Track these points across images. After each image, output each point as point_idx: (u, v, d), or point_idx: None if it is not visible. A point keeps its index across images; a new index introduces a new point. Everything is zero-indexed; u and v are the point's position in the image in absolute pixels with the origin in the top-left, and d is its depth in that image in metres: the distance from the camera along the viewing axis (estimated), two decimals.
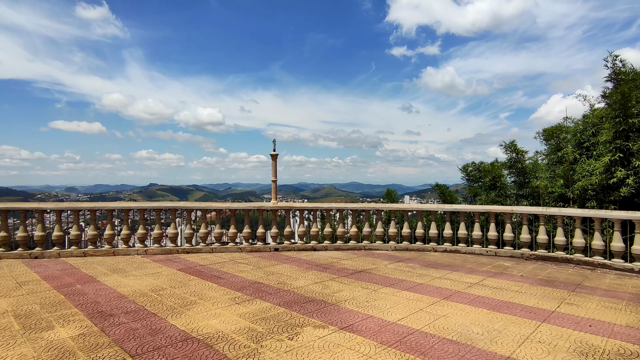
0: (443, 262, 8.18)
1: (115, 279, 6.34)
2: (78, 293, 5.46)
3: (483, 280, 6.60)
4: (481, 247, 9.23)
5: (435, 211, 9.63)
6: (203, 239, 8.88)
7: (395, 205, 9.87)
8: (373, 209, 9.86)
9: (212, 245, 8.91)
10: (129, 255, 8.31)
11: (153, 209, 8.59)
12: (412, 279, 6.62)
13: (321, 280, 6.40)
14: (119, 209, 8.40)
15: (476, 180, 13.58)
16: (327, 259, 8.47)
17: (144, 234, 8.48)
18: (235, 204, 9.28)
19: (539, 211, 8.57)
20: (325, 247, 9.55)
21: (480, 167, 13.44)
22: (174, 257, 8.26)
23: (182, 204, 8.71)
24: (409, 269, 7.48)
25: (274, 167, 9.36)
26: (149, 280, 6.24)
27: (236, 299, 5.23)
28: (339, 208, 9.73)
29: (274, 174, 9.40)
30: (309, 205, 9.57)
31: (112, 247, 8.29)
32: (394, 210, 9.80)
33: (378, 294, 5.58)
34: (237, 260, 8.16)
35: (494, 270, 7.47)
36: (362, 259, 8.51)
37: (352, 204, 9.87)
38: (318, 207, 9.70)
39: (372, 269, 7.38)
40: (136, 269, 7.08)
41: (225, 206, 9.00)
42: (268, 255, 8.74)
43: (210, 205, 8.91)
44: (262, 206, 9.19)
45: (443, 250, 9.39)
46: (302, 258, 8.51)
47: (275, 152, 9.35)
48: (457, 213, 9.54)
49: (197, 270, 7.11)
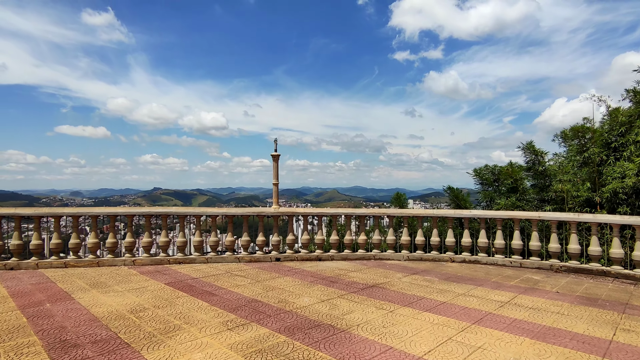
0: (464, 275, 7.32)
1: (92, 295, 5.55)
2: (45, 315, 4.67)
3: (514, 297, 5.74)
4: (504, 257, 8.35)
5: (452, 217, 8.78)
6: (197, 248, 8.08)
7: (408, 211, 9.05)
8: (383, 215, 9.02)
9: (207, 255, 8.11)
10: (115, 267, 7.53)
11: (142, 215, 7.83)
12: (433, 295, 5.77)
13: (328, 298, 5.57)
14: (105, 214, 7.65)
15: (490, 183, 12.70)
16: (334, 270, 7.63)
17: (132, 243, 7.71)
18: (233, 209, 8.52)
19: (570, 217, 7.69)
20: (332, 257, 8.71)
21: (494, 169, 12.56)
22: (164, 269, 7.47)
23: (174, 209, 7.95)
24: (426, 283, 6.62)
25: (275, 169, 8.59)
26: (130, 298, 5.44)
27: (229, 323, 4.41)
28: (347, 214, 8.90)
29: (275, 176, 8.62)
30: (313, 210, 8.79)
31: (97, 257, 7.52)
32: (407, 216, 8.96)
33: (396, 317, 4.74)
34: (233, 272, 7.35)
35: (523, 285, 6.60)
36: (372, 270, 7.66)
37: (361, 210, 9.05)
38: (323, 213, 8.89)
39: (385, 283, 6.54)
40: (119, 283, 6.29)
41: (222, 212, 8.22)
42: (268, 266, 7.92)
43: (205, 211, 8.13)
44: (262, 212, 8.39)
45: (461, 261, 8.52)
46: (306, 269, 7.68)
47: (276, 153, 8.59)
48: (477, 219, 8.68)
49: (188, 284, 6.30)
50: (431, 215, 8.88)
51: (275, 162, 8.64)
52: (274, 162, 8.64)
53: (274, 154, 8.61)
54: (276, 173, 8.65)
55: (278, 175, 8.70)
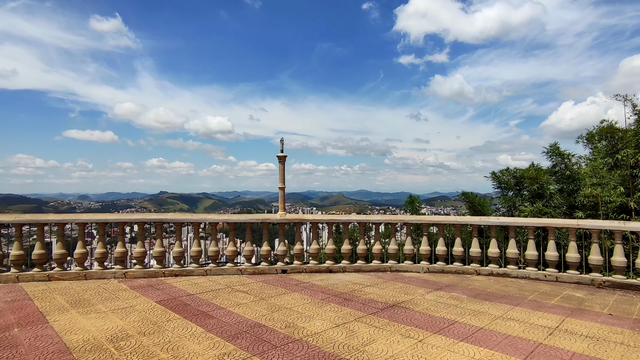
0: (494, 291, 6.46)
1: (70, 318, 4.79)
2: (8, 344, 3.92)
3: (562, 322, 4.87)
4: (537, 270, 7.47)
5: (477, 225, 7.92)
6: (195, 258, 7.33)
7: (428, 218, 8.22)
8: (400, 222, 8.20)
9: (207, 267, 7.35)
10: (104, 280, 6.79)
11: (135, 223, 7.10)
12: (466, 319, 4.92)
13: (344, 322, 4.76)
14: (94, 221, 6.93)
15: (511, 188, 11.79)
16: (347, 284, 6.82)
17: (123, 253, 6.98)
18: (235, 216, 7.77)
19: (614, 226, 6.80)
20: (344, 269, 7.90)
21: (515, 173, 11.64)
22: (157, 282, 6.71)
23: (170, 216, 7.21)
24: (454, 301, 5.78)
25: (281, 171, 7.84)
26: (113, 321, 4.68)
27: (226, 358, 3.62)
28: (360, 221, 8.09)
29: (281, 179, 7.86)
30: (323, 217, 8.01)
31: (84, 269, 6.79)
32: (426, 223, 8.13)
33: (427, 349, 3.91)
34: (235, 286, 6.57)
35: (566, 304, 5.72)
36: (390, 284, 6.83)
37: (375, 216, 8.24)
38: (334, 220, 8.09)
39: (407, 302, 5.70)
40: (104, 301, 5.54)
41: (223, 219, 7.47)
42: (274, 279, 7.13)
43: (204, 218, 7.38)
44: (266, 218, 7.62)
45: (488, 274, 7.65)
46: (316, 283, 6.88)
47: (282, 154, 7.84)
48: (505, 228, 7.82)
49: (182, 302, 5.53)
50: (453, 223, 8.03)
51: (281, 163, 7.89)
52: (280, 163, 7.89)
53: (280, 154, 7.86)
54: (282, 176, 7.90)
55: (284, 179, 7.94)
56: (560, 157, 11.05)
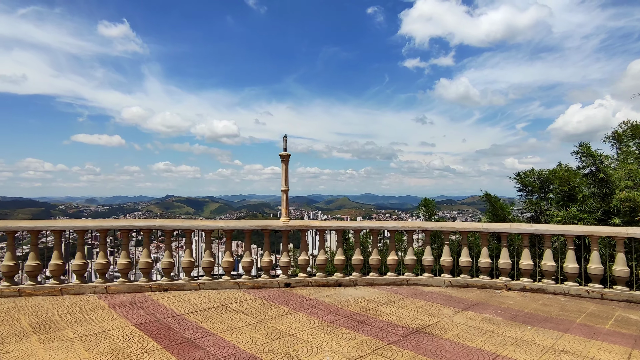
0: (534, 312, 5.51)
1: (27, 347, 3.96)
2: None
3: (630, 356, 3.92)
4: (577, 285, 6.51)
5: (508, 233, 6.97)
6: (187, 270, 6.48)
7: (450, 225, 7.29)
8: (419, 229, 7.28)
9: (200, 280, 6.50)
10: (82, 295, 5.97)
11: (119, 229, 6.29)
12: (509, 351, 4.00)
13: (359, 355, 3.86)
14: (72, 229, 6.13)
15: (536, 191, 10.79)
16: (360, 302, 5.92)
17: (104, 265, 6.16)
18: (232, 222, 6.91)
19: None
20: (355, 282, 6.99)
21: (541, 175, 10.63)
22: (142, 299, 5.87)
23: (159, 222, 6.39)
24: (489, 325, 4.85)
25: (284, 172, 6.97)
26: (77, 353, 3.83)
27: None
28: (373, 228, 7.18)
29: (284, 181, 6.99)
30: (332, 224, 7.13)
31: (60, 283, 5.98)
32: (448, 231, 7.20)
33: None
34: (230, 303, 5.70)
35: (625, 330, 4.76)
36: (409, 302, 5.92)
37: (390, 223, 7.33)
38: (344, 227, 7.20)
39: (434, 326, 4.79)
40: (75, 324, 4.70)
41: (218, 225, 6.62)
42: (276, 295, 6.25)
43: (197, 225, 6.54)
44: (268, 225, 6.75)
45: (520, 289, 6.70)
46: (324, 300, 5.98)
47: (285, 152, 6.97)
48: (540, 236, 6.86)
49: (166, 326, 4.67)
50: (480, 230, 7.09)
51: (284, 163, 7.02)
52: (282, 163, 7.02)
53: (283, 153, 6.99)
54: (285, 177, 7.03)
55: (288, 180, 7.06)
56: (591, 157, 10.05)
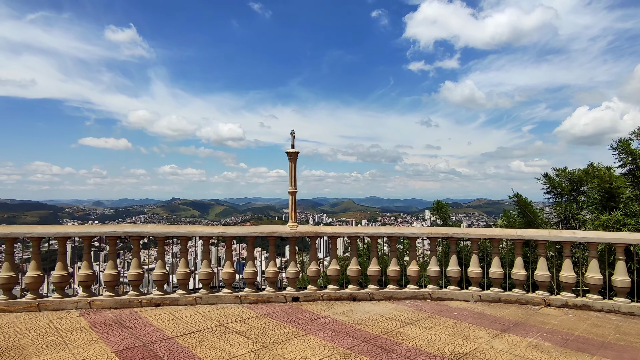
0: (586, 335, 4.66)
1: None
2: None
3: None
4: (628, 301, 5.64)
5: (545, 241, 6.12)
6: (182, 282, 5.73)
7: (479, 231, 6.46)
8: (443, 236, 6.46)
9: (196, 293, 5.75)
10: (62, 312, 5.25)
11: (106, 236, 5.56)
12: None
13: None
14: (51, 235, 5.42)
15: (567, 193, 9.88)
16: (379, 320, 5.11)
17: (89, 277, 5.43)
18: (232, 228, 6.16)
19: None
20: (371, 296, 6.19)
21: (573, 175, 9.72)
22: (130, 316, 5.13)
23: (150, 228, 5.65)
24: (539, 354, 4.02)
25: (291, 171, 6.20)
26: None
27: None
28: (392, 234, 6.37)
29: (291, 181, 6.22)
30: (345, 230, 6.34)
31: (37, 298, 5.27)
32: (477, 238, 6.37)
33: None
34: (230, 323, 4.94)
35: None
36: (437, 321, 5.10)
37: (411, 229, 6.52)
38: (359, 233, 6.41)
39: (472, 355, 3.97)
40: (45, 350, 3.97)
41: (218, 232, 5.87)
42: (282, 312, 5.47)
43: (194, 231, 5.80)
44: (273, 232, 5.99)
45: (562, 305, 5.84)
46: (338, 319, 5.19)
47: (293, 150, 6.20)
48: (582, 244, 6.01)
49: (152, 354, 3.92)
50: (514, 238, 6.24)
51: (291, 162, 6.25)
52: (290, 162, 6.25)
53: (291, 150, 6.22)
54: (293, 177, 6.25)
55: (296, 181, 6.29)
56: (630, 155, 9.14)
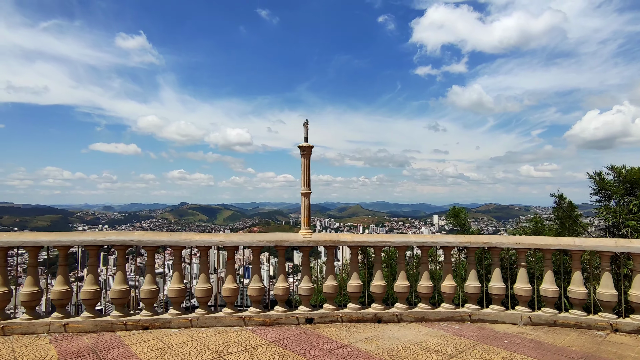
0: None
1: None
2: None
3: None
4: None
5: (612, 252, 5.06)
6: (175, 301, 4.82)
7: (528, 240, 5.41)
8: (484, 246, 5.43)
9: (192, 313, 4.83)
10: (30, 336, 4.37)
11: (86, 246, 4.68)
12: None
13: None
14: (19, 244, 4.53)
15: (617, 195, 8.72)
16: (415, 351, 4.12)
17: (65, 293, 4.56)
18: (234, 236, 5.18)
19: None
20: (399, 317, 5.20)
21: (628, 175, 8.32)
22: (111, 342, 4.23)
23: (138, 236, 4.74)
24: None
25: (305, 168, 5.24)
26: None
27: None
28: (423, 243, 5.37)
29: (305, 180, 5.26)
30: (368, 238, 5.36)
31: (3, 320, 4.40)
32: (524, 248, 5.34)
33: None
34: (231, 355, 4.00)
35: None
36: (485, 353, 4.09)
37: (446, 237, 5.51)
38: (384, 242, 5.42)
39: None
40: None
41: (217, 240, 4.92)
42: (294, 338, 4.52)
43: (189, 240, 4.87)
44: (283, 240, 5.05)
45: (633, 330, 4.77)
46: (363, 348, 4.21)
47: (307, 144, 5.25)
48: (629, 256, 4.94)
49: None
50: (571, 248, 5.18)
51: (305, 157, 5.31)
52: (302, 158, 5.31)
53: (304, 144, 5.28)
54: (307, 176, 5.31)
55: (310, 181, 5.35)
56: None
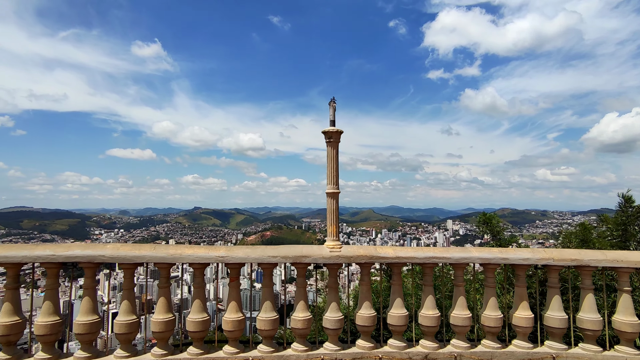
0: None
1: None
2: None
3: None
4: None
5: None
6: (160, 337, 3.62)
7: (637, 256, 4.04)
8: (573, 264, 4.05)
9: (183, 354, 3.63)
10: None
11: (42, 263, 3.48)
12: None
13: None
14: None
15: None
16: None
17: (12, 327, 3.42)
18: (240, 250, 3.90)
19: None
20: (459, 358, 3.87)
21: None
22: None
23: (111, 250, 3.51)
24: None
25: (332, 160, 3.95)
26: None
27: None
28: (489, 260, 4.03)
29: (332, 176, 3.95)
30: (415, 253, 3.99)
31: None
32: (627, 267, 3.97)
33: None
34: None
35: None
36: None
37: (520, 252, 4.13)
38: (437, 258, 4.07)
39: None
40: None
41: (216, 255, 3.66)
42: None
43: (178, 254, 3.62)
44: (304, 256, 3.80)
45: None
46: None
47: (334, 128, 3.99)
48: None
49: None
50: None
51: (331, 146, 4.03)
52: (329, 147, 4.04)
53: (330, 129, 4.01)
54: (334, 170, 4.02)
55: (338, 176, 4.07)
56: None
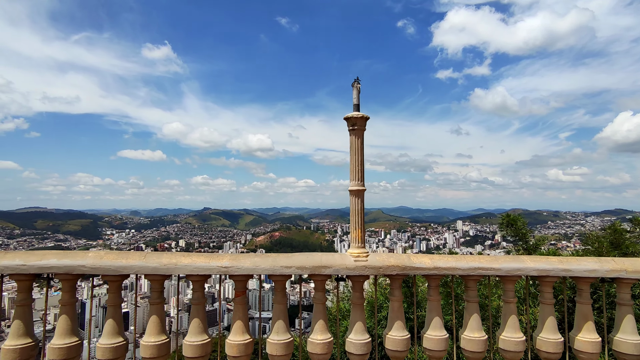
0: None
1: None
2: None
3: None
4: None
5: None
6: None
7: None
8: None
9: None
10: None
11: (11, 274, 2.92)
12: None
13: None
14: None
15: None
16: None
17: None
18: (246, 259, 3.27)
19: None
20: None
21: None
22: None
23: (93, 259, 2.91)
24: None
25: (356, 152, 3.31)
26: None
27: None
28: (546, 271, 3.31)
29: (356, 171, 3.31)
30: (457, 263, 3.28)
31: None
32: None
33: None
34: None
35: None
36: None
37: (586, 261, 3.40)
38: (483, 270, 3.34)
39: None
40: None
41: (219, 266, 3.04)
42: None
43: (173, 263, 3.00)
44: (322, 265, 3.16)
45: None
46: None
47: (359, 114, 3.37)
48: None
49: None
50: None
51: (355, 135, 3.36)
52: (352, 135, 3.37)
53: (354, 115, 3.35)
54: (359, 163, 3.36)
55: (363, 170, 3.41)
56: None
